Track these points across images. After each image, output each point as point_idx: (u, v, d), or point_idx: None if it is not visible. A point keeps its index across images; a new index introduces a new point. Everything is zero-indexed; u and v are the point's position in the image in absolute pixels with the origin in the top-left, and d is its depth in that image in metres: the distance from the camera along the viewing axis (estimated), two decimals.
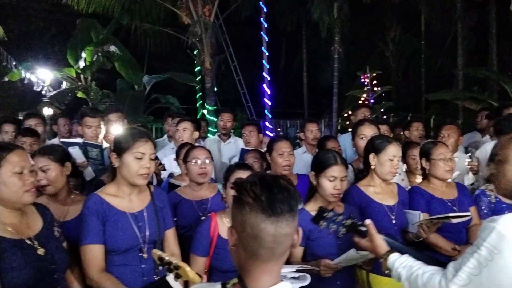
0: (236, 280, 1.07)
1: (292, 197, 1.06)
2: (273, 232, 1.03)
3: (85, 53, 11.40)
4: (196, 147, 2.81)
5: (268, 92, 12.51)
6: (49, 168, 2.21)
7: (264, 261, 1.06)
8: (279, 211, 1.03)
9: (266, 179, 1.07)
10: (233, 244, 1.08)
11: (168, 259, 1.61)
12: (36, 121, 3.83)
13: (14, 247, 1.62)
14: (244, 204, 1.04)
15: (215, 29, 10.93)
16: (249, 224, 1.03)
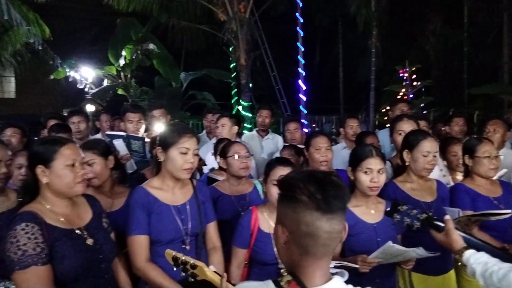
0: (290, 277, 1.07)
1: (344, 194, 1.07)
2: (328, 229, 1.04)
3: (125, 51, 11.76)
4: (236, 142, 2.85)
5: (303, 88, 12.40)
6: (94, 162, 2.32)
7: (318, 258, 1.07)
8: (334, 208, 1.03)
9: (318, 176, 1.06)
10: (284, 242, 1.08)
11: (184, 259, 1.62)
12: (79, 118, 4.00)
13: (65, 237, 1.71)
14: (298, 202, 1.04)
15: (251, 26, 10.96)
16: (304, 222, 1.03)
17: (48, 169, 1.72)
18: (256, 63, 12.12)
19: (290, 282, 1.06)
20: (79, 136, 3.91)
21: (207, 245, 2.22)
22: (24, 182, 1.85)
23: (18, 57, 11.53)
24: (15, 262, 1.56)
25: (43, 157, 1.72)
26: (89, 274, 1.75)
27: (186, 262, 1.69)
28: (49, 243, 1.64)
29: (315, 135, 3.03)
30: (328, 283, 1.07)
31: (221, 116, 3.88)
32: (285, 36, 14.38)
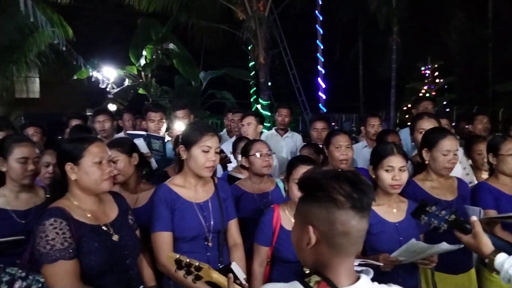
0: (318, 278, 1.06)
1: (372, 192, 1.08)
2: (359, 227, 1.05)
3: (146, 51, 11.94)
4: (258, 140, 2.87)
5: (322, 86, 12.35)
6: (118, 159, 2.38)
7: (348, 256, 1.08)
8: (366, 206, 1.05)
9: (348, 176, 1.07)
10: (316, 242, 1.07)
11: (188, 262, 1.62)
12: (104, 117, 4.09)
13: (92, 232, 1.76)
14: (334, 202, 1.04)
15: (269, 24, 10.95)
16: (339, 222, 1.04)
17: (77, 166, 1.77)
18: (275, 62, 12.11)
19: (320, 282, 1.05)
20: (104, 134, 4.00)
21: (228, 242, 2.24)
22: (53, 179, 1.91)
23: (42, 58, 11.84)
24: (44, 256, 1.62)
25: (72, 154, 1.78)
26: (115, 270, 1.80)
27: (190, 264, 1.67)
28: (76, 238, 1.69)
29: (335, 133, 3.01)
30: (357, 283, 1.08)
31: (247, 115, 3.90)
32: (304, 34, 14.33)
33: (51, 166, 2.89)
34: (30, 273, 1.74)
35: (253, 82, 12.94)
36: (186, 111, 4.01)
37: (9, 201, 2.25)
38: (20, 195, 2.29)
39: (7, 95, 13.26)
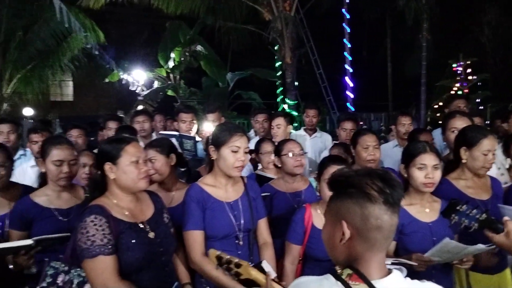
0: (350, 271, 1.09)
1: (402, 188, 1.12)
2: (392, 222, 1.09)
3: (174, 54, 12.16)
4: (289, 140, 2.87)
5: (350, 85, 12.22)
6: (156, 159, 2.44)
7: (380, 251, 1.11)
8: (397, 201, 1.09)
9: (379, 173, 1.11)
10: (348, 238, 1.09)
11: (228, 258, 1.65)
12: (143, 118, 4.20)
13: (129, 229, 1.82)
14: (367, 197, 1.07)
15: (296, 24, 10.93)
16: (373, 216, 1.07)
17: (115, 166, 1.85)
18: (301, 61, 12.08)
19: (352, 275, 1.08)
20: (143, 134, 4.12)
21: (258, 241, 2.27)
22: (93, 178, 1.99)
23: (76, 62, 12.25)
24: (85, 251, 1.70)
25: (110, 154, 1.85)
26: (151, 266, 1.85)
27: (230, 261, 1.71)
28: (115, 235, 1.76)
29: (362, 132, 2.97)
30: (388, 276, 1.10)
31: (276, 116, 3.92)
32: (330, 33, 14.22)
33: (87, 167, 3.01)
34: (72, 267, 1.82)
35: (279, 82, 12.95)
36: (217, 115, 4.09)
37: (51, 200, 2.34)
38: (62, 194, 2.38)
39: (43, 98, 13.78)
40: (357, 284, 1.06)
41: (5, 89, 11.33)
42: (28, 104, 12.97)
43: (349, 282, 1.07)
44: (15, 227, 2.30)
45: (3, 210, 2.41)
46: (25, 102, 12.76)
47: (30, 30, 11.07)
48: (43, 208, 2.31)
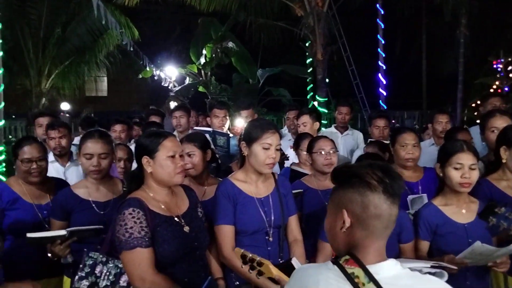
0: (348, 256, 1.14)
1: (402, 181, 1.16)
2: (390, 212, 1.13)
3: (206, 50, 12.26)
4: (322, 137, 2.84)
5: (383, 82, 11.96)
6: (194, 154, 2.47)
7: (379, 239, 1.15)
8: (397, 192, 1.13)
9: (379, 164, 1.16)
10: (348, 225, 1.14)
11: (251, 256, 1.66)
12: (181, 113, 4.28)
13: (165, 223, 1.86)
14: (368, 186, 1.12)
15: (328, 20, 10.80)
16: (372, 204, 1.12)
17: (152, 160, 1.88)
18: (333, 58, 11.93)
19: (348, 260, 1.13)
20: (180, 129, 4.20)
21: (288, 238, 2.25)
22: (131, 171, 2.05)
23: (110, 58, 12.59)
24: (123, 243, 1.74)
25: (148, 148, 1.89)
26: (185, 260, 1.88)
27: (253, 259, 1.73)
28: (151, 228, 1.79)
29: (402, 130, 2.90)
30: (383, 262, 1.13)
31: (302, 114, 3.90)
32: (363, 29, 13.97)
33: (122, 161, 3.08)
34: (110, 258, 1.87)
35: (310, 79, 12.84)
36: (251, 111, 4.12)
37: (90, 192, 2.40)
38: (100, 187, 2.42)
39: (79, 94, 14.24)
40: (352, 268, 1.11)
41: (44, 84, 11.79)
42: (65, 99, 13.45)
43: (345, 267, 1.12)
44: (55, 216, 2.38)
45: (44, 201, 2.53)
46: (62, 97, 13.24)
47: (68, 27, 11.46)
48: (82, 199, 2.37)
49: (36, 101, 11.59)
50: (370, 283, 1.08)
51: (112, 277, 1.82)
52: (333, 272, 1.13)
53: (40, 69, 11.52)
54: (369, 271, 1.09)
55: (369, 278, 1.08)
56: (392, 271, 1.11)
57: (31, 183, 2.51)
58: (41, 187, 2.55)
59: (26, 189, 2.51)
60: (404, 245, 2.21)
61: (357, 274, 1.10)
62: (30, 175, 2.47)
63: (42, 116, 3.88)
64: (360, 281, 1.09)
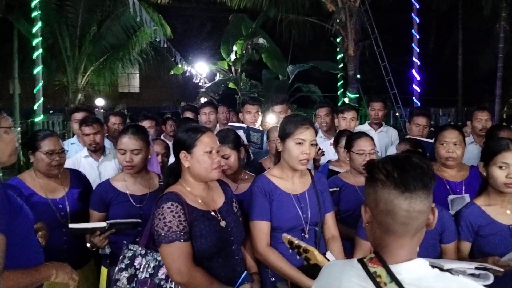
0: (373, 255, 1.11)
1: (425, 174, 1.07)
2: (406, 208, 1.05)
3: (236, 47, 12.31)
4: (362, 136, 2.74)
5: (417, 78, 11.65)
6: (230, 156, 2.48)
7: (399, 236, 1.09)
8: (412, 187, 1.05)
9: (398, 158, 1.10)
10: (367, 221, 1.13)
11: (297, 243, 1.65)
12: (210, 109, 4.30)
13: (202, 217, 1.87)
14: (377, 181, 1.08)
15: (360, 15, 10.61)
16: (382, 201, 1.07)
17: (190, 155, 1.90)
18: (365, 54, 11.73)
19: (372, 259, 1.10)
20: (209, 125, 4.24)
21: (325, 235, 2.23)
22: (169, 166, 2.07)
23: (143, 55, 12.85)
24: (162, 237, 1.76)
25: (186, 143, 1.90)
26: (222, 254, 1.89)
27: (299, 246, 1.74)
28: (189, 222, 1.81)
29: (444, 128, 2.78)
30: (408, 261, 1.08)
31: (348, 109, 3.84)
32: (396, 24, 13.65)
33: (159, 155, 3.12)
34: (149, 251, 1.90)
35: (340, 75, 12.67)
36: (285, 106, 4.09)
37: (128, 185, 2.45)
38: (138, 181, 2.47)
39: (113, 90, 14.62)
40: (375, 266, 1.08)
41: (80, 80, 12.15)
42: (99, 95, 13.83)
43: (368, 265, 1.09)
44: (95, 208, 2.44)
45: (59, 195, 2.52)
46: (97, 93, 13.62)
47: (103, 25, 11.77)
48: (120, 192, 2.42)
49: (72, 97, 11.96)
50: (392, 283, 1.04)
51: (151, 269, 1.85)
52: (356, 271, 1.10)
53: (77, 66, 11.88)
54: (391, 270, 1.06)
55: (391, 278, 1.05)
56: (417, 272, 1.06)
57: (50, 175, 2.50)
58: (56, 181, 2.54)
59: (41, 184, 2.48)
60: (446, 246, 2.15)
61: (379, 273, 1.07)
62: (52, 167, 2.46)
63: (78, 112, 3.96)
64: (382, 281, 1.06)
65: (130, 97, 20.09)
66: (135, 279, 1.86)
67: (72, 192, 2.56)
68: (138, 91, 20.99)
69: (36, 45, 8.89)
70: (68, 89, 12.03)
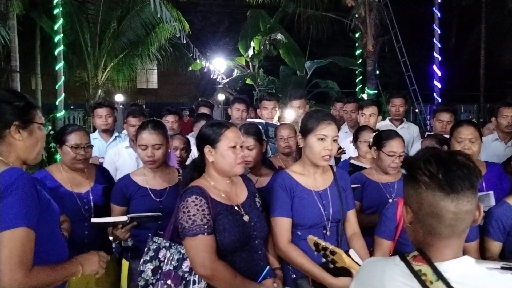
0: (416, 252, 1.08)
1: (472, 173, 1.02)
2: (453, 209, 1.01)
3: (254, 42, 12.30)
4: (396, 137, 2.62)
5: (438, 74, 11.44)
6: (254, 147, 2.51)
7: (444, 238, 1.05)
8: (459, 188, 1.00)
9: (441, 156, 1.04)
10: (409, 222, 1.10)
11: (324, 245, 1.63)
12: (244, 106, 4.26)
13: (226, 211, 1.88)
14: (420, 183, 1.03)
15: (380, 9, 10.46)
16: (426, 203, 1.03)
17: (214, 149, 1.91)
18: (384, 49, 11.56)
19: (416, 256, 1.07)
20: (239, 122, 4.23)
21: (347, 232, 2.20)
22: (193, 160, 2.08)
23: (162, 51, 12.95)
24: (186, 230, 1.78)
25: (210, 138, 1.91)
26: (245, 249, 1.90)
27: (326, 248, 1.72)
28: (212, 215, 1.82)
29: (459, 124, 2.72)
30: (454, 259, 1.05)
31: (368, 105, 3.80)
32: (417, 18, 13.42)
33: (178, 150, 3.15)
34: (173, 243, 1.92)
35: (359, 71, 12.54)
36: (303, 101, 4.06)
37: (147, 180, 2.48)
38: (157, 176, 2.50)
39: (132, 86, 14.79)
40: (420, 264, 1.05)
41: (100, 76, 12.34)
42: (119, 91, 14.02)
43: (412, 263, 1.06)
44: (116, 202, 2.49)
45: (84, 189, 2.55)
46: (116, 89, 13.80)
47: (123, 22, 11.91)
48: (140, 186, 2.46)
49: (92, 93, 12.16)
50: (439, 281, 1.01)
51: (175, 262, 1.87)
52: (400, 268, 1.07)
53: (97, 62, 12.07)
54: (438, 269, 1.03)
55: (437, 276, 1.02)
56: (464, 269, 1.04)
57: (76, 169, 2.54)
58: (82, 175, 2.57)
59: (67, 177, 2.52)
60: (467, 244, 2.10)
61: (425, 271, 1.04)
62: (78, 161, 2.50)
63: (101, 107, 4.03)
64: (428, 279, 1.03)
65: (148, 93, 20.31)
66: (159, 271, 1.88)
67: (97, 187, 2.59)
68: (156, 87, 21.20)
69: (58, 41, 9.05)
70: (89, 85, 12.23)
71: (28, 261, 1.40)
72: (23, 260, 1.38)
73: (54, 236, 1.60)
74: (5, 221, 1.38)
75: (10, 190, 1.40)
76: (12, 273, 1.35)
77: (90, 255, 1.68)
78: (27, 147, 1.57)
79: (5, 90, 1.62)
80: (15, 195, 1.40)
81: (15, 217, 1.39)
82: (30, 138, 1.57)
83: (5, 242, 1.37)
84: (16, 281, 1.36)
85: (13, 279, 1.36)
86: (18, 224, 1.38)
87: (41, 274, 1.44)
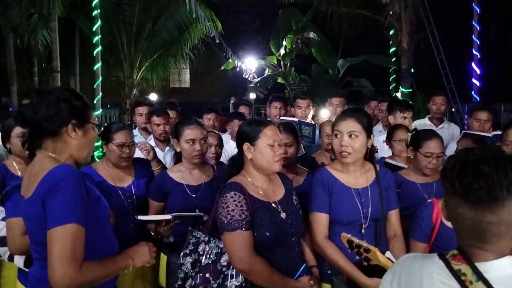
0: (456, 251, 1.07)
1: (494, 185, 0.97)
2: (472, 217, 1.00)
3: (286, 41, 12.29)
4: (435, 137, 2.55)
5: (477, 72, 11.03)
6: (292, 144, 2.53)
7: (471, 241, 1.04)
8: (474, 199, 0.98)
9: (467, 163, 1.01)
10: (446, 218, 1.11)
11: (358, 243, 1.63)
12: (281, 104, 4.27)
13: (263, 208, 1.91)
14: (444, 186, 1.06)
15: (416, 6, 10.21)
16: (450, 205, 1.06)
17: (253, 147, 1.94)
18: (420, 46, 11.27)
19: (456, 255, 1.06)
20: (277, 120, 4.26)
21: (387, 233, 2.18)
22: (232, 156, 2.12)
23: (195, 51, 13.16)
24: (225, 225, 1.82)
25: (249, 135, 1.95)
26: (282, 245, 1.92)
27: (359, 245, 1.71)
28: (250, 211, 1.85)
29: (509, 127, 2.65)
30: (495, 260, 1.02)
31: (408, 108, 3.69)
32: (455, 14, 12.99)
33: (213, 147, 3.21)
34: (212, 238, 1.96)
35: (393, 69, 12.28)
36: (342, 100, 4.05)
37: (184, 176, 2.55)
38: (193, 172, 2.57)
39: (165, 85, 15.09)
40: (459, 264, 1.04)
41: (135, 75, 12.67)
42: (153, 90, 14.35)
43: (451, 262, 1.05)
44: (154, 198, 2.57)
45: (126, 183, 2.65)
46: (151, 88, 14.14)
47: (157, 22, 12.19)
48: (176, 183, 2.53)
49: (128, 92, 12.50)
50: (479, 282, 0.99)
51: (213, 256, 1.91)
52: (438, 267, 1.06)
53: (132, 62, 12.40)
54: (478, 269, 1.01)
55: (477, 276, 1.00)
56: (507, 270, 1.01)
57: (119, 167, 2.64)
58: (124, 170, 2.68)
59: (110, 173, 2.62)
60: None
61: (464, 271, 1.02)
62: (122, 159, 2.60)
63: (141, 106, 4.16)
64: (468, 279, 1.01)
65: (181, 92, 20.64)
66: (198, 264, 1.93)
67: (138, 181, 2.69)
68: (188, 86, 21.52)
69: (96, 42, 9.33)
70: (124, 84, 12.58)
71: (79, 257, 1.41)
72: (74, 256, 1.39)
73: (104, 231, 1.63)
74: (56, 217, 1.41)
75: (60, 187, 1.43)
76: (63, 269, 1.37)
77: (140, 247, 1.69)
78: (81, 146, 1.61)
79: (64, 89, 1.68)
80: (65, 192, 1.42)
81: (65, 214, 1.41)
82: (84, 137, 1.61)
83: (57, 238, 1.39)
84: (67, 277, 1.37)
85: (64, 275, 1.37)
86: (68, 220, 1.40)
87: (92, 270, 1.45)
